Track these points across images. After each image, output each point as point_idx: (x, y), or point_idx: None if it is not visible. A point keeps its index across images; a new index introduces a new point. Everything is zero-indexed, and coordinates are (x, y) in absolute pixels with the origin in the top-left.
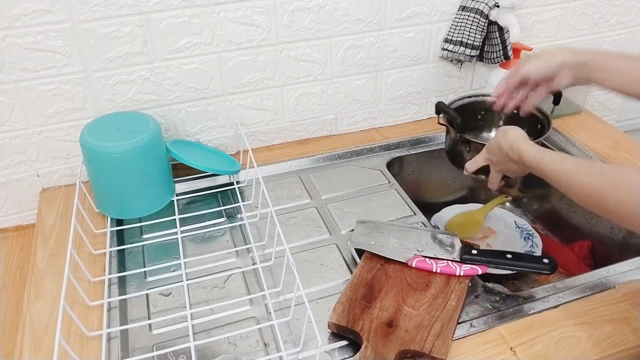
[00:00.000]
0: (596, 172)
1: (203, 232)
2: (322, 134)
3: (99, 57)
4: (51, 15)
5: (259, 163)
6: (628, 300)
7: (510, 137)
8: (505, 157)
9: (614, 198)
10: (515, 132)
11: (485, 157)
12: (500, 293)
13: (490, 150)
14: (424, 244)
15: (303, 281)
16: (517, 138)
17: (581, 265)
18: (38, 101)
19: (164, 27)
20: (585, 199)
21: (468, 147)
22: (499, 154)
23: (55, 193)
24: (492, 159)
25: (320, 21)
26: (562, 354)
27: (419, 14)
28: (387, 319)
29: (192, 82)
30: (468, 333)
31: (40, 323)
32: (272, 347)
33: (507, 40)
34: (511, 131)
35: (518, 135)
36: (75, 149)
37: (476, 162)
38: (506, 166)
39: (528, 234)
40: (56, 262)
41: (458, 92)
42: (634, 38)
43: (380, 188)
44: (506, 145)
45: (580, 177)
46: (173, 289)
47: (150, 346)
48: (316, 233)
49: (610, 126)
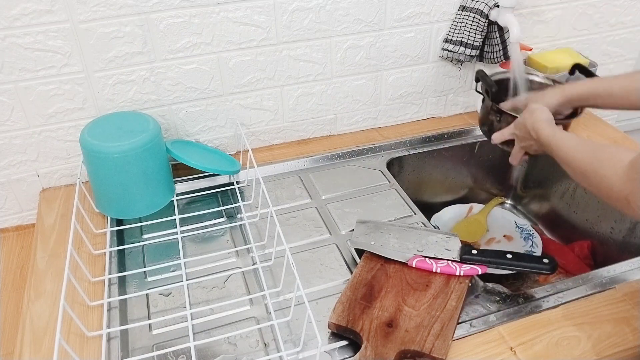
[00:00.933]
0: (589, 149)
1: (203, 232)
2: (322, 134)
3: (99, 57)
4: (51, 15)
5: (259, 163)
6: (628, 300)
7: (535, 117)
8: (527, 135)
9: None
10: (541, 113)
11: (512, 131)
12: (500, 293)
13: (517, 125)
14: (424, 244)
15: (303, 281)
16: (540, 119)
17: (581, 265)
18: (38, 101)
19: (164, 27)
20: (579, 176)
21: (499, 117)
22: (524, 131)
23: (55, 193)
24: (517, 134)
25: (320, 21)
26: (562, 354)
27: (419, 14)
28: (387, 319)
29: (192, 82)
30: (468, 333)
31: (40, 323)
32: (272, 347)
33: (507, 40)
34: (538, 112)
35: (542, 117)
36: (75, 149)
37: (502, 134)
38: (527, 143)
39: (528, 234)
40: (56, 262)
41: (458, 92)
42: (634, 38)
43: (380, 188)
44: (530, 123)
45: (576, 154)
46: (173, 289)
47: (150, 346)
48: (316, 233)
49: (610, 126)
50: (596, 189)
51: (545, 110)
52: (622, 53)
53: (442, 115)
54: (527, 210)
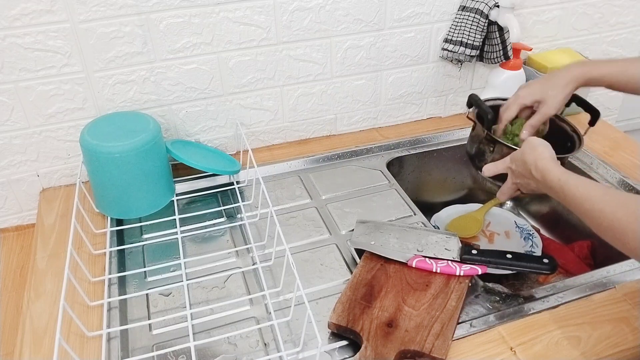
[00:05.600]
0: (619, 202)
1: (203, 232)
2: (322, 134)
3: (99, 57)
4: (51, 15)
5: (259, 163)
6: (628, 300)
7: (538, 155)
8: (527, 173)
9: (634, 233)
10: (544, 150)
11: (507, 165)
12: (500, 293)
13: (515, 160)
14: (424, 244)
15: (303, 281)
16: (544, 157)
17: (581, 265)
18: (38, 101)
19: (164, 27)
20: (605, 230)
21: (492, 147)
22: (522, 167)
23: (55, 193)
24: (513, 169)
25: (320, 21)
26: (562, 354)
27: (419, 14)
28: (387, 319)
29: (192, 82)
30: (468, 333)
31: (40, 323)
32: (272, 347)
33: (507, 40)
34: (540, 148)
35: (546, 155)
36: (75, 149)
37: (496, 167)
38: (524, 181)
39: (528, 234)
40: (56, 262)
41: (458, 92)
42: (634, 38)
43: (380, 188)
44: (531, 161)
45: (602, 206)
46: (173, 289)
47: (150, 346)
48: (316, 233)
49: (610, 126)
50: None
51: (548, 147)
52: (622, 53)
53: (442, 115)
54: (527, 210)
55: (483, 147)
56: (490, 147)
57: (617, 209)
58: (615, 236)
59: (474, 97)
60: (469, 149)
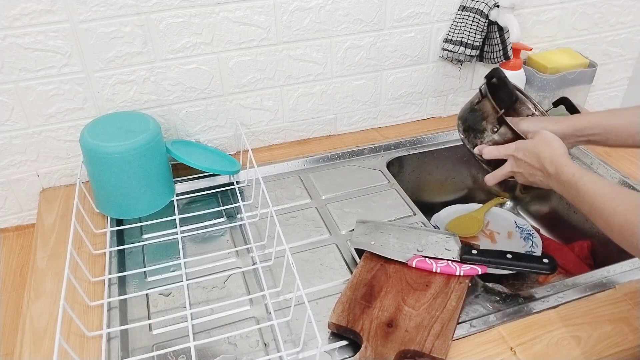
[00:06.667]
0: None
1: (203, 232)
2: (322, 134)
3: (99, 57)
4: (51, 15)
5: (259, 163)
6: (628, 300)
7: (554, 149)
8: (538, 165)
9: None
10: (560, 146)
11: (511, 152)
12: (500, 293)
13: (522, 148)
14: (424, 244)
15: (303, 281)
16: (560, 153)
17: (581, 265)
18: (38, 101)
19: (164, 27)
20: (615, 229)
21: (497, 128)
22: (533, 159)
23: (55, 193)
24: (519, 158)
25: (320, 21)
26: (562, 354)
27: (419, 14)
28: (387, 319)
29: (192, 82)
30: (468, 333)
31: (40, 323)
32: (272, 347)
33: (507, 40)
34: (556, 143)
35: (562, 151)
36: (75, 149)
37: (499, 151)
38: (530, 172)
39: (528, 234)
40: (56, 262)
41: (458, 92)
42: (634, 38)
43: (380, 188)
44: (546, 156)
45: (615, 204)
46: (173, 289)
47: (150, 346)
48: (316, 233)
49: None
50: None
51: (562, 142)
52: (622, 53)
53: (442, 115)
54: (527, 210)
55: (486, 124)
56: (495, 128)
57: (630, 210)
58: (624, 236)
59: (499, 72)
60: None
